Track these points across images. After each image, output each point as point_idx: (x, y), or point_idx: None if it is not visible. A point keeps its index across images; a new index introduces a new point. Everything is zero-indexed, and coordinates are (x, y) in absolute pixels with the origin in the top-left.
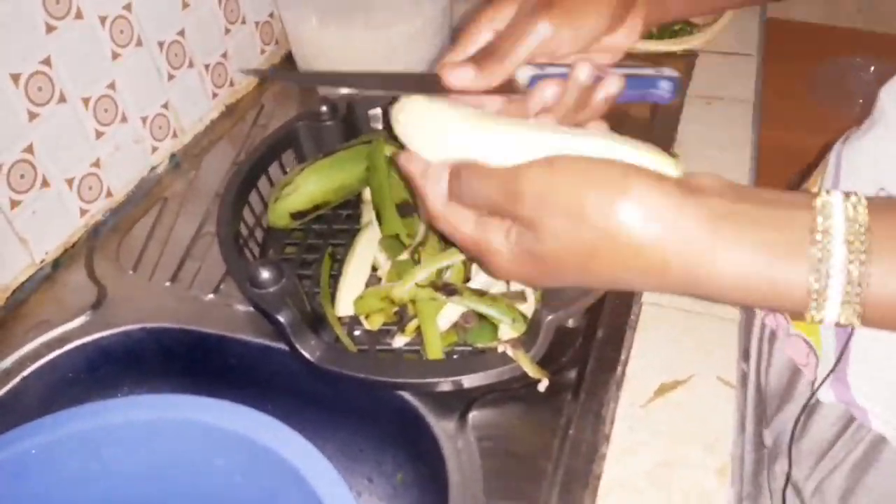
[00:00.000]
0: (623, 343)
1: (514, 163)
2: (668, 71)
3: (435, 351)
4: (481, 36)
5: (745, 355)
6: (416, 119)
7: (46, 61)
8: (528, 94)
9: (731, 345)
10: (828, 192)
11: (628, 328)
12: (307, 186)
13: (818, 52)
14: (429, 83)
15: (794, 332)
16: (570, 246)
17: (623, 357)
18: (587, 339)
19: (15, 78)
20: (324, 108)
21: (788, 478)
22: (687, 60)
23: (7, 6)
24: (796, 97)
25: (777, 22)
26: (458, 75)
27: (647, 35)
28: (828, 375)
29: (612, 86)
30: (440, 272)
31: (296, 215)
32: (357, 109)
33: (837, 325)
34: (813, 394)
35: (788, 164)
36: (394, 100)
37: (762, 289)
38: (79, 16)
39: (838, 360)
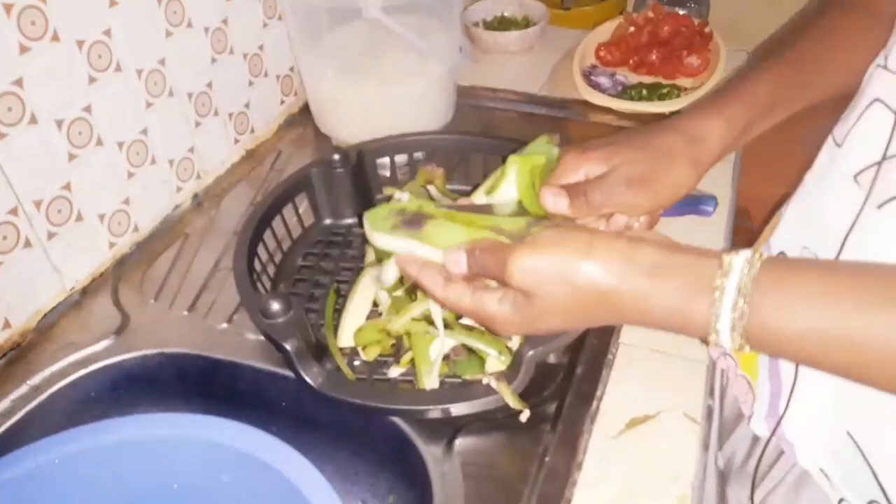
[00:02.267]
0: (600, 379)
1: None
2: (709, 194)
3: (426, 381)
4: (575, 175)
5: (712, 392)
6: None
7: (87, 109)
8: None
9: (698, 383)
10: (732, 251)
11: (605, 366)
12: None
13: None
14: None
15: (740, 374)
16: (553, 302)
17: (599, 392)
18: (567, 374)
19: (59, 123)
20: (336, 157)
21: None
22: None
23: (56, 59)
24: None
25: None
26: (555, 201)
27: (638, 96)
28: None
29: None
30: None
31: None
32: (366, 158)
33: (734, 349)
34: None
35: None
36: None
37: (679, 320)
38: (118, 69)
39: (787, 398)
